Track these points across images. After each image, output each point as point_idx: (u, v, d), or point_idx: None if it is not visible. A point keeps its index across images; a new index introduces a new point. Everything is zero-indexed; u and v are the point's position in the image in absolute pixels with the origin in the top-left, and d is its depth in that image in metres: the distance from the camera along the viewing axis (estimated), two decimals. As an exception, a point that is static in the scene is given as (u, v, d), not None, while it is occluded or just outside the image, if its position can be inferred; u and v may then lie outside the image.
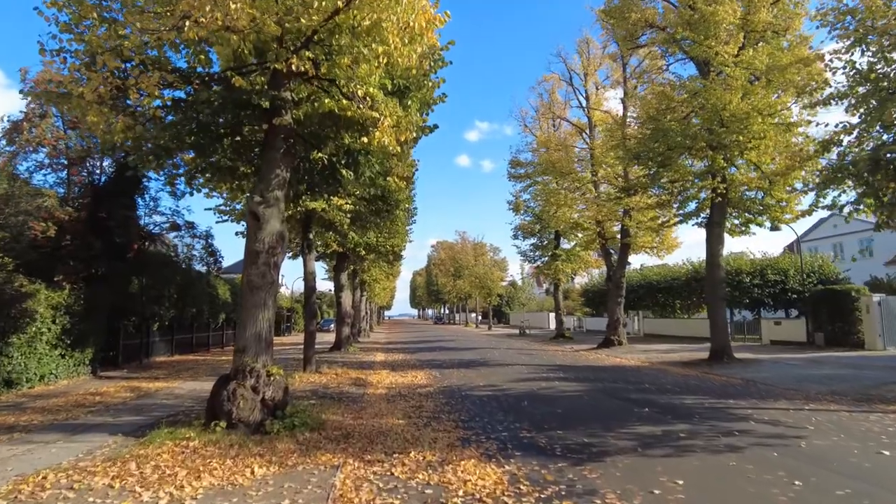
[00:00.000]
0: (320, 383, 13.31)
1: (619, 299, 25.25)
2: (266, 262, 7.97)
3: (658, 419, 8.38)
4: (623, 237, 25.10)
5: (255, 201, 8.08)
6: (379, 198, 14.98)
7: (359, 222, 16.82)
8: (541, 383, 13.05)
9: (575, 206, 27.09)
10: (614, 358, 20.30)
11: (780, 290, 28.47)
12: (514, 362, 18.78)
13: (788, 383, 12.45)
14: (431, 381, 13.91)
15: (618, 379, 13.85)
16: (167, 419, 8.74)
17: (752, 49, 15.61)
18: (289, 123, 8.30)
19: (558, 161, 27.38)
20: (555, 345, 28.86)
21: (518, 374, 15.27)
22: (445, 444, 6.99)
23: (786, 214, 17.75)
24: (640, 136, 19.52)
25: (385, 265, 32.69)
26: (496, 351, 24.51)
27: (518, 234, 35.07)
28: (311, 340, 14.86)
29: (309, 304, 14.82)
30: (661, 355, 20.84)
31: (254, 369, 7.65)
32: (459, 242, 67.11)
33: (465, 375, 15.03)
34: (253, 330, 7.84)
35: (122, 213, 15.68)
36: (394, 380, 14.33)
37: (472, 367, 17.13)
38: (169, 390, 12.68)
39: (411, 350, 25.89)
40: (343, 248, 22.90)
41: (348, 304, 24.45)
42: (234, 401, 7.38)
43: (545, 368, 16.68)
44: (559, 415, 8.94)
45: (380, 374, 15.66)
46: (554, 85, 34.72)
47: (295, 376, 14.09)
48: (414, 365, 18.44)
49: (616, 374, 15.13)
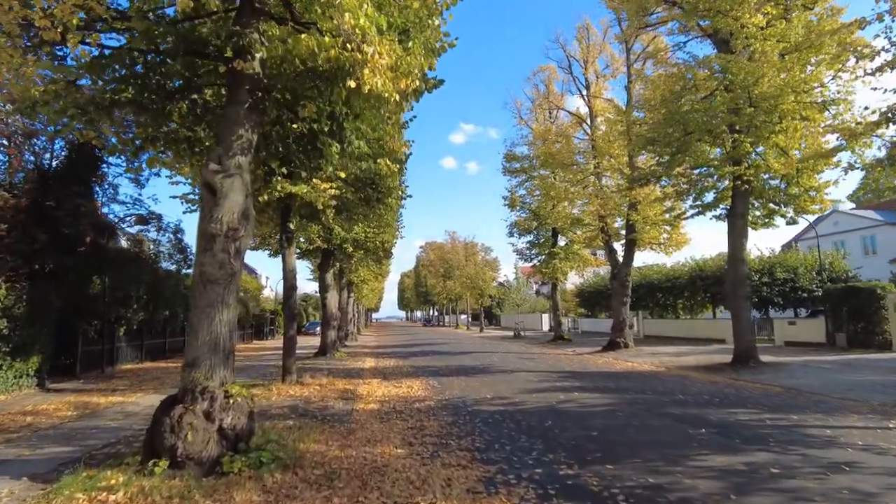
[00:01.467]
0: (302, 397, 11.42)
1: (625, 299, 23.65)
2: (225, 249, 6.11)
3: (726, 445, 6.67)
4: (628, 233, 23.51)
5: (211, 169, 6.23)
6: (368, 183, 13.17)
7: (345, 213, 14.96)
8: (558, 395, 11.30)
9: (576, 200, 25.47)
10: (625, 362, 18.65)
11: (790, 288, 27.11)
12: (517, 368, 17.03)
13: (838, 391, 10.86)
14: (430, 393, 12.10)
15: (643, 388, 12.16)
16: (100, 451, 6.83)
17: (783, 20, 14.08)
18: (255, 71, 6.47)
19: (558, 153, 25.75)
20: (555, 348, 27.18)
21: (527, 382, 13.52)
22: (464, 489, 5.21)
23: (814, 205, 16.25)
24: (651, 122, 17.95)
25: (373, 265, 30.76)
26: (494, 355, 22.75)
27: (513, 231, 33.36)
28: (292, 346, 12.97)
29: (289, 306, 12.93)
30: (674, 359, 19.27)
31: (207, 389, 5.79)
32: (449, 242, 65.36)
33: (467, 385, 13.23)
34: (207, 337, 5.97)
35: (73, 202, 13.62)
36: (387, 391, 12.50)
37: (473, 375, 15.34)
38: (121, 407, 10.71)
39: (403, 355, 24.00)
40: (328, 245, 21.00)
41: (334, 305, 22.53)
42: (180, 431, 5.51)
43: (555, 376, 14.94)
44: (599, 440, 7.18)
45: (370, 383, 13.81)
46: (550, 76, 33.18)
47: (272, 388, 12.20)
48: (408, 372, 16.59)
49: (636, 382, 13.45)
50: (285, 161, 8.54)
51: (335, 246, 20.96)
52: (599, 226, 24.77)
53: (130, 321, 20.49)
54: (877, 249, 37.12)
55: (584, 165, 24.84)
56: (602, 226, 24.80)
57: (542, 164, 27.28)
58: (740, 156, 15.06)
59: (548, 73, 33.35)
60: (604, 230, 24.88)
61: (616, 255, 24.71)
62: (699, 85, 15.68)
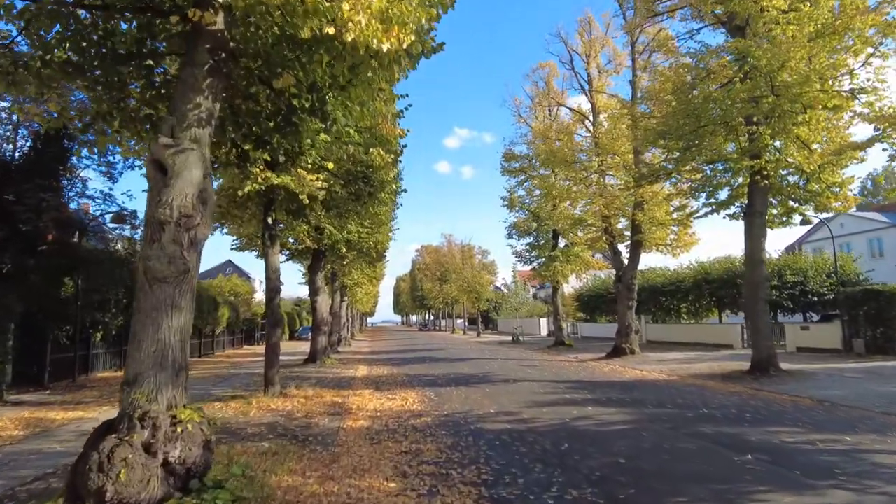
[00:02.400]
0: (284, 411, 10.24)
1: (631, 303, 22.56)
2: (176, 240, 4.95)
3: (786, 478, 5.54)
4: (633, 234, 22.45)
5: (162, 143, 5.07)
6: (360, 177, 12.05)
7: (335, 209, 13.82)
8: (570, 409, 10.15)
9: (578, 200, 24.40)
10: (634, 370, 17.55)
11: (800, 291, 26.11)
12: (520, 377, 15.88)
13: (878, 405, 9.78)
14: (427, 406, 10.93)
15: (661, 401, 11.05)
16: (26, 487, 5.65)
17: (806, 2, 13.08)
18: (218, 28, 5.35)
19: (560, 150, 24.70)
20: (556, 354, 26.05)
21: (533, 394, 12.38)
22: (473, 545, 4.06)
23: (836, 201, 15.23)
24: (660, 115, 16.92)
25: (367, 267, 29.59)
26: (494, 362, 21.61)
27: (512, 233, 32.29)
28: (275, 355, 11.78)
29: (272, 309, 11.76)
30: (684, 366, 18.19)
31: (149, 414, 4.62)
32: (446, 246, 64.26)
33: (467, 397, 12.07)
34: (152, 348, 4.81)
35: (36, 196, 12.42)
36: (379, 404, 11.33)
37: (473, 385, 14.18)
38: (79, 424, 9.48)
39: (398, 362, 22.80)
40: (319, 245, 19.82)
41: (325, 309, 21.33)
42: (111, 469, 4.33)
43: (563, 386, 13.81)
44: (628, 469, 6.03)
45: (361, 395, 12.63)
46: (550, 73, 32.25)
47: (252, 402, 11.01)
48: (403, 382, 15.42)
49: (652, 393, 12.34)
50: (260, 143, 7.38)
51: (326, 246, 19.79)
52: (603, 226, 23.69)
53: (108, 326, 19.25)
54: (884, 252, 36.25)
55: (587, 163, 23.78)
56: (606, 226, 23.73)
57: (542, 163, 26.22)
58: (759, 149, 14.02)
59: (548, 70, 32.42)
60: (607, 231, 23.81)
61: (621, 257, 23.66)
62: (714, 74, 14.64)
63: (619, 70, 27.93)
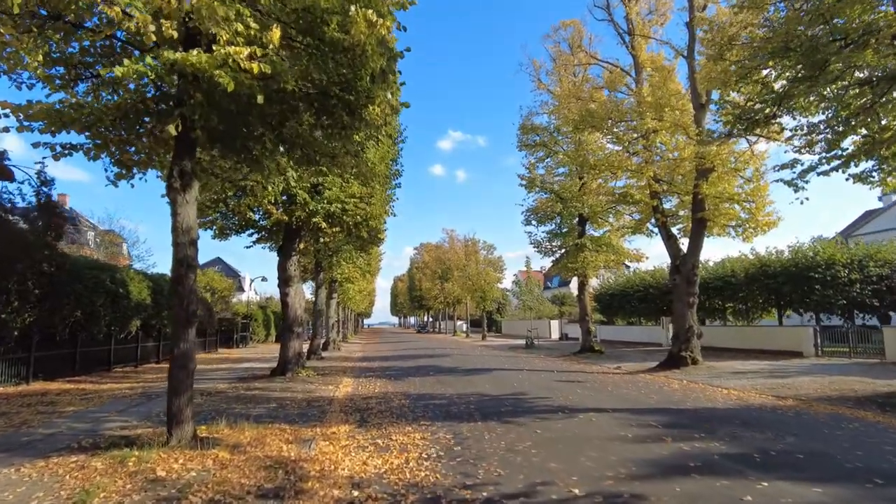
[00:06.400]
0: (176, 485, 5.34)
1: (692, 299, 17.70)
2: None
3: None
4: (695, 211, 17.61)
5: None
6: (332, 66, 7.18)
7: (300, 149, 8.86)
8: (717, 483, 5.27)
9: (622, 171, 19.54)
10: (718, 390, 12.66)
11: (887, 287, 21.32)
12: (575, 404, 10.97)
13: None
14: (446, 469, 6.03)
15: (827, 450, 6.21)
16: None
17: None
18: None
19: (597, 111, 19.83)
20: (589, 363, 21.14)
21: (620, 441, 7.50)
22: None
23: None
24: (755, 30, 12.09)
25: (357, 255, 24.66)
26: (520, 375, 16.71)
27: (531, 218, 27.40)
28: (185, 374, 6.85)
29: (179, 293, 6.75)
30: (779, 382, 13.42)
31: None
32: (447, 242, 59.30)
33: (511, 448, 7.17)
34: None
35: None
36: (360, 462, 6.43)
37: (511, 420, 9.28)
38: None
39: (395, 374, 17.77)
40: (291, 219, 14.94)
41: (299, 304, 16.36)
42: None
43: (653, 421, 8.89)
44: None
45: (334, 440, 7.72)
46: (574, 32, 27.47)
47: (130, 461, 6.10)
48: (401, 410, 10.46)
49: (802, 434, 7.47)
50: None
51: (301, 220, 14.88)
52: (653, 204, 18.83)
53: (6, 325, 14.46)
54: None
55: (634, 125, 18.90)
56: (656, 204, 18.87)
57: (574, 129, 21.32)
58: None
59: (571, 30, 27.63)
60: (657, 209, 18.95)
61: (677, 243, 18.79)
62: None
63: (662, 21, 23.18)
